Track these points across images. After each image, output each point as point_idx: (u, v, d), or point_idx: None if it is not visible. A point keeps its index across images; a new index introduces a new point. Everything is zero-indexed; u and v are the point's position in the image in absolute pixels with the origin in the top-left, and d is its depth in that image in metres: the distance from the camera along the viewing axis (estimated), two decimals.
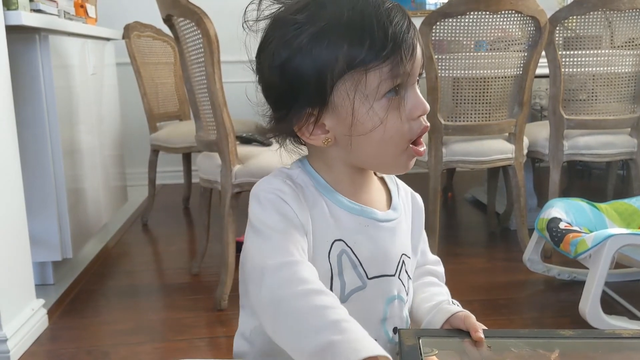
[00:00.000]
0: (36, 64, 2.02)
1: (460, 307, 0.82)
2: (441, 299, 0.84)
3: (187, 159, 3.28)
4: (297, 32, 0.70)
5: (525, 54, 2.18)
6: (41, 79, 2.04)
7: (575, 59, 2.29)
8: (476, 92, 2.19)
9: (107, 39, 2.85)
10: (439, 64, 2.16)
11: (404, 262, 0.80)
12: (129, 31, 2.98)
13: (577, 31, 2.28)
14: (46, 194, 2.10)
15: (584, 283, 1.66)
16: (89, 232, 2.43)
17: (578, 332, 0.78)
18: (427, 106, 0.73)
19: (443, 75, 2.19)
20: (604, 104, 2.34)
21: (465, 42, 2.18)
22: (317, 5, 0.71)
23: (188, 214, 3.29)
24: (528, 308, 2.00)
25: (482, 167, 2.33)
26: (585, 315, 1.62)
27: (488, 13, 2.09)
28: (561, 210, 1.91)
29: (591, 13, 2.20)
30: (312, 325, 0.61)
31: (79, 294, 2.14)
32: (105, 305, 2.06)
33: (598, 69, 2.30)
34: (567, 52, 2.29)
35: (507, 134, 2.29)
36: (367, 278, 0.76)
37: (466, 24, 2.11)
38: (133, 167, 3.57)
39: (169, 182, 3.89)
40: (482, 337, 0.75)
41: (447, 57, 2.18)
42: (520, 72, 2.20)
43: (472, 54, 2.19)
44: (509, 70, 2.19)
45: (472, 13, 2.08)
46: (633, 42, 2.27)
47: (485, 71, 2.18)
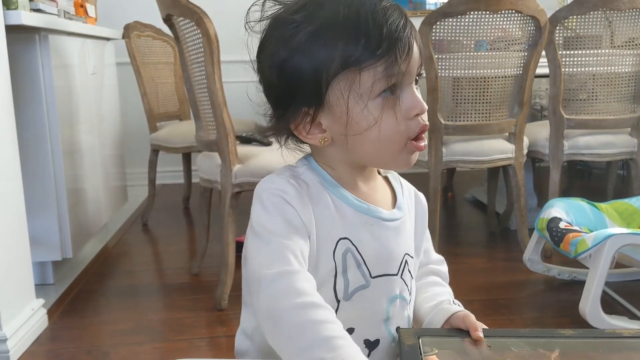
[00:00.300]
0: (36, 63, 2.02)
1: (461, 307, 0.82)
2: (442, 298, 0.84)
3: (187, 158, 3.28)
4: (294, 31, 0.70)
5: (525, 54, 2.18)
6: (41, 78, 2.03)
7: (576, 59, 2.29)
8: (476, 92, 2.19)
9: (107, 39, 2.85)
10: (439, 63, 2.16)
11: (406, 261, 0.80)
12: (129, 31, 2.98)
13: (577, 31, 2.28)
14: (46, 194, 2.10)
15: (584, 283, 1.66)
16: (89, 232, 2.43)
17: (578, 331, 0.78)
18: (425, 106, 0.73)
19: (443, 75, 2.19)
20: (604, 104, 2.34)
21: (465, 42, 2.18)
22: (315, 4, 0.71)
23: (188, 214, 3.28)
24: (528, 308, 2.00)
25: (482, 167, 2.32)
26: (585, 315, 1.62)
27: (488, 13, 2.08)
28: (561, 210, 1.91)
29: (591, 13, 2.20)
30: (305, 341, 0.62)
31: (79, 294, 2.14)
32: (105, 305, 2.06)
33: (598, 68, 2.30)
34: (567, 52, 2.29)
35: (507, 134, 2.29)
36: (371, 277, 0.76)
37: (466, 24, 2.11)
38: (133, 167, 3.57)
39: (169, 182, 3.89)
40: (481, 336, 0.75)
41: (447, 57, 2.18)
42: (521, 72, 2.20)
43: (472, 53, 2.19)
44: (509, 70, 2.19)
45: (472, 13, 2.08)
46: (633, 41, 2.27)
47: (485, 71, 2.18)
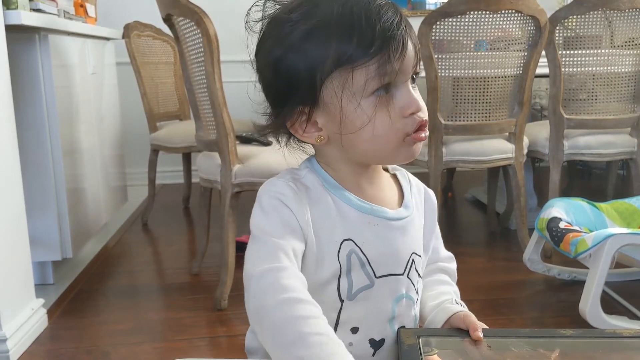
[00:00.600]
0: (36, 63, 2.02)
1: (464, 308, 0.82)
2: (445, 298, 0.84)
3: (187, 158, 3.28)
4: (289, 30, 0.71)
5: (525, 54, 2.18)
6: (41, 78, 2.03)
7: (575, 59, 2.29)
8: (476, 92, 2.19)
9: (107, 39, 2.85)
10: (439, 63, 2.16)
11: (413, 260, 0.79)
12: (129, 31, 2.98)
13: (577, 31, 2.28)
14: (46, 194, 2.10)
15: (584, 283, 1.66)
16: (89, 232, 2.43)
17: (578, 331, 0.77)
18: (420, 104, 0.72)
19: (443, 75, 2.18)
20: (604, 104, 2.34)
21: (465, 42, 2.18)
22: (311, 3, 0.71)
23: (188, 213, 3.28)
24: (528, 308, 2.00)
25: (482, 167, 2.32)
26: (585, 314, 1.62)
27: (488, 13, 2.08)
28: (561, 209, 1.91)
29: (591, 13, 2.20)
30: (285, 338, 0.62)
31: (79, 294, 2.14)
32: (105, 305, 2.06)
33: (598, 68, 2.30)
34: (567, 52, 2.29)
35: (507, 134, 2.29)
36: (375, 277, 0.76)
37: (466, 24, 2.11)
38: (133, 167, 3.57)
39: (169, 182, 3.89)
40: (481, 336, 0.75)
41: (447, 56, 2.18)
42: (520, 72, 2.20)
43: (472, 53, 2.19)
44: (509, 69, 2.19)
45: (472, 13, 2.08)
46: (633, 41, 2.27)
47: (485, 71, 2.18)
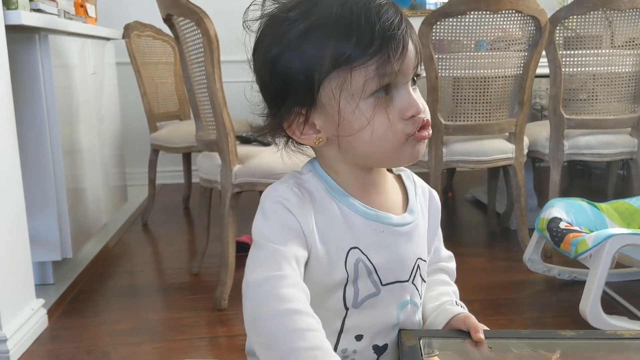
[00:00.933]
0: (36, 63, 2.02)
1: (464, 309, 0.81)
2: (445, 299, 0.83)
3: (187, 158, 3.28)
4: (287, 28, 0.69)
5: (526, 54, 2.18)
6: (41, 78, 2.03)
7: (576, 59, 2.29)
8: (476, 92, 2.19)
9: (107, 39, 2.85)
10: (439, 63, 2.16)
11: (419, 266, 0.78)
12: (129, 31, 2.98)
13: (578, 31, 2.28)
14: (46, 194, 2.10)
15: (584, 283, 1.66)
16: (89, 232, 2.43)
17: (579, 332, 0.77)
18: (420, 106, 0.70)
19: (443, 75, 2.18)
20: (604, 104, 2.34)
21: (465, 42, 2.18)
22: (310, 2, 0.70)
23: (188, 213, 3.28)
24: (528, 308, 2.00)
25: (483, 167, 2.32)
26: (585, 315, 1.62)
27: (488, 13, 2.08)
28: (561, 210, 1.91)
29: (591, 13, 2.20)
30: (279, 351, 0.60)
31: (79, 294, 2.14)
32: (105, 305, 2.06)
33: (598, 68, 2.30)
34: (568, 52, 2.29)
35: (507, 134, 2.29)
36: (382, 284, 0.75)
37: (466, 24, 2.11)
38: (133, 167, 3.56)
39: (169, 182, 3.89)
40: (482, 337, 0.74)
41: (447, 56, 2.18)
42: (521, 72, 2.20)
43: (472, 53, 2.19)
44: (509, 70, 2.19)
45: (472, 13, 2.08)
46: (633, 41, 2.27)
47: (485, 71, 2.18)
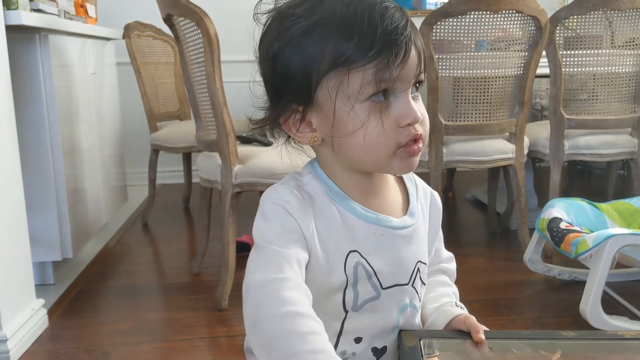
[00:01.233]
0: (36, 63, 2.02)
1: (464, 310, 0.81)
2: (445, 300, 0.83)
3: (187, 158, 3.28)
4: (291, 24, 0.69)
5: (526, 54, 2.18)
6: (41, 78, 2.03)
7: (576, 59, 2.29)
8: (477, 92, 2.19)
9: (107, 39, 2.85)
10: (440, 63, 2.16)
11: (419, 269, 0.78)
12: (129, 31, 2.98)
13: (578, 31, 2.28)
14: (46, 194, 2.10)
15: (584, 283, 1.66)
16: (89, 232, 2.43)
17: (580, 333, 0.77)
18: (418, 115, 0.69)
19: (443, 75, 2.18)
20: (605, 104, 2.34)
21: (465, 42, 2.17)
22: (316, 0, 0.70)
23: (188, 214, 3.28)
24: (528, 308, 2.00)
25: (483, 167, 2.32)
26: (585, 315, 1.62)
27: (488, 13, 2.08)
28: (562, 210, 1.91)
29: (592, 13, 2.20)
30: (280, 354, 0.60)
31: (79, 294, 2.14)
32: (105, 305, 2.06)
33: (599, 68, 2.30)
34: (568, 52, 2.29)
35: (507, 134, 2.29)
36: (382, 288, 0.74)
37: (466, 24, 2.11)
38: (133, 167, 3.56)
39: (169, 182, 3.89)
40: (483, 338, 0.74)
41: (448, 57, 2.18)
42: (521, 72, 2.20)
43: (472, 53, 2.19)
44: (510, 70, 2.19)
45: (472, 13, 2.08)
46: (633, 41, 2.27)
47: (485, 71, 2.18)
